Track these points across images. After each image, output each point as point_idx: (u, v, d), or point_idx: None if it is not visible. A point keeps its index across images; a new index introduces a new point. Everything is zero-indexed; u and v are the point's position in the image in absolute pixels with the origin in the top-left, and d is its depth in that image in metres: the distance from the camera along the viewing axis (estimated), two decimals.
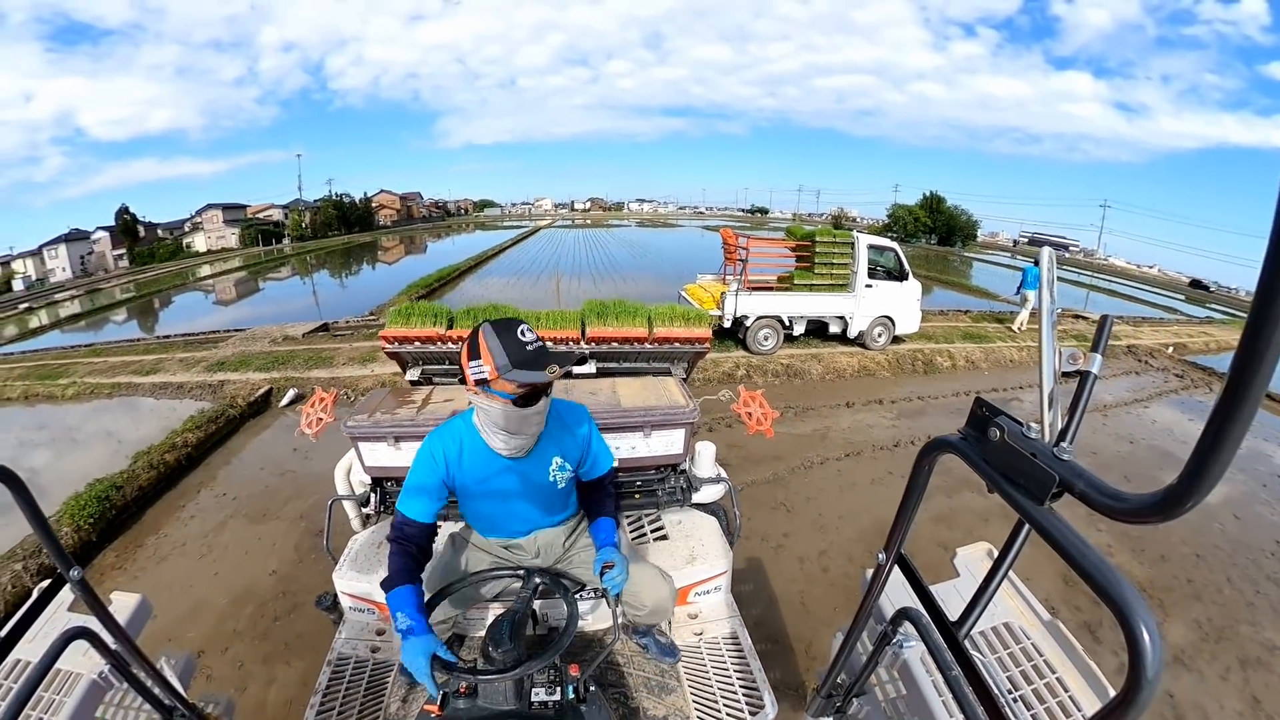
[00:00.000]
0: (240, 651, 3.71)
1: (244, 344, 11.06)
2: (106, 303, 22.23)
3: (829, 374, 9.44)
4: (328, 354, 10.11)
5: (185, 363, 9.98)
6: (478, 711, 1.37)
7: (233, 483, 6.12)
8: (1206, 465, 0.47)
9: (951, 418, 7.78)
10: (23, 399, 9.16)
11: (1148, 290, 31.36)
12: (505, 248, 31.71)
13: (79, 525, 4.90)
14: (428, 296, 16.14)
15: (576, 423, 1.81)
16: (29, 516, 0.99)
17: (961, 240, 45.37)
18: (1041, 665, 1.41)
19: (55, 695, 1.41)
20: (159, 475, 5.98)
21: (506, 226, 58.42)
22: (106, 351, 11.71)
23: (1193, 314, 21.60)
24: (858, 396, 8.47)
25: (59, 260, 38.90)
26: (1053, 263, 0.77)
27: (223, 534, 5.10)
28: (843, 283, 9.82)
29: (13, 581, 4.25)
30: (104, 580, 4.58)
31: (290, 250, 39.84)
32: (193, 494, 5.92)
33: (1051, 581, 3.97)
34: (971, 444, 0.79)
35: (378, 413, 2.52)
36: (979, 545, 1.85)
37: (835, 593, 4.19)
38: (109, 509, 5.20)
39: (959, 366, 10.30)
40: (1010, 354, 10.92)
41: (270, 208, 53.79)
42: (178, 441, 6.50)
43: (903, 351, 10.22)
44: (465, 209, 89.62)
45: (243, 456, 6.82)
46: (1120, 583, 0.56)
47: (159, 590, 4.27)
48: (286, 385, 8.70)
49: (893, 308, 10.06)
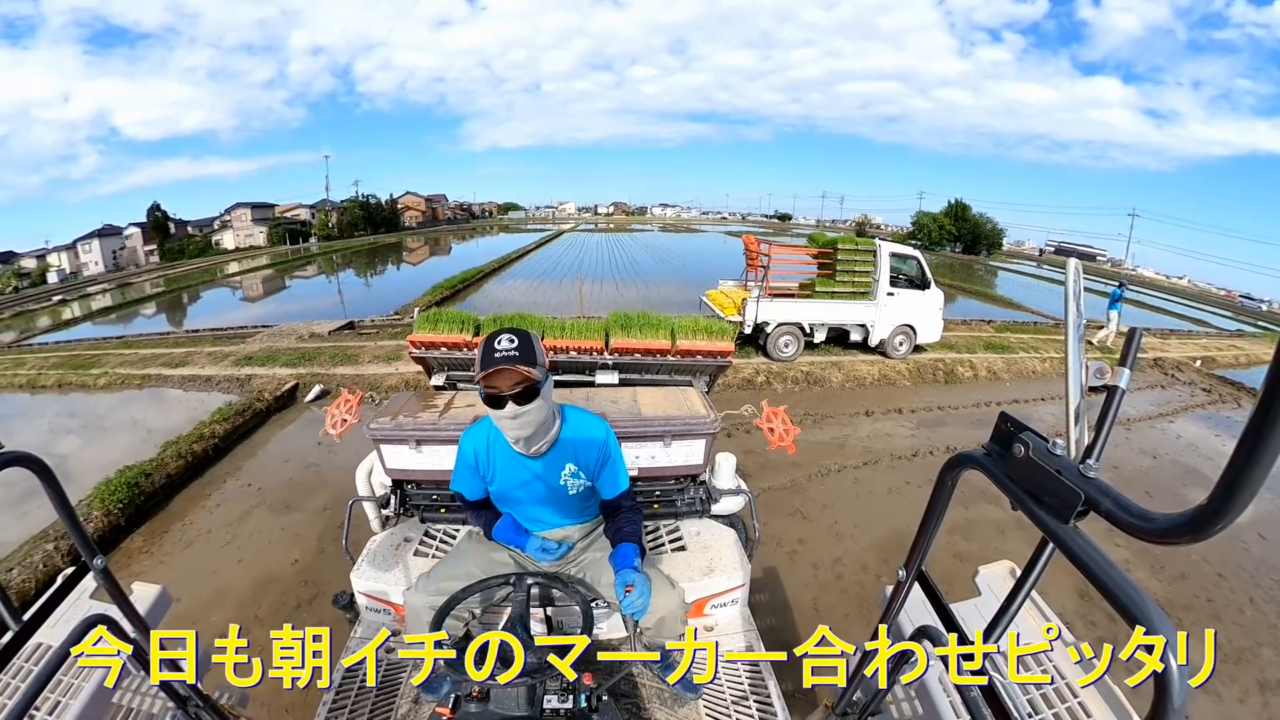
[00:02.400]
0: (261, 637, 3.74)
1: (271, 340, 11.32)
2: (137, 296, 23.04)
3: (849, 382, 9.38)
4: (353, 352, 10.25)
5: (213, 356, 10.18)
6: (489, 716, 1.37)
7: (258, 474, 6.25)
8: (1238, 486, 0.46)
9: (972, 429, 7.82)
10: (57, 387, 9.53)
11: (1173, 301, 30.94)
12: (529, 250, 32.05)
13: (109, 509, 5.04)
14: (452, 298, 16.59)
15: (593, 435, 1.84)
16: (55, 503, 1.01)
17: (987, 249, 45.13)
18: (1064, 689, 1.37)
19: (74, 680, 1.44)
20: (186, 464, 6.14)
21: (530, 230, 58.93)
22: (137, 344, 12.09)
23: (1223, 326, 21.18)
24: (877, 405, 8.40)
25: (92, 254, 40.17)
26: (1079, 275, 0.75)
27: (247, 523, 5.21)
28: (864, 291, 9.75)
29: (44, 560, 4.42)
30: (130, 563, 4.71)
31: (317, 249, 40.67)
32: (219, 484, 6.05)
33: (1067, 595, 3.90)
34: (995, 460, 0.77)
35: (400, 415, 2.54)
36: (1001, 564, 1.81)
37: (848, 600, 4.16)
38: (138, 495, 5.33)
39: (980, 377, 10.19)
40: (1033, 365, 10.80)
41: (297, 207, 55.11)
42: (205, 433, 6.68)
43: (924, 361, 10.12)
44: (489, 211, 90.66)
45: (268, 449, 6.96)
46: (1149, 608, 0.55)
47: (184, 575, 4.48)
48: (312, 381, 8.85)
49: (914, 316, 9.97)
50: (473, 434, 1.87)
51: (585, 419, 1.87)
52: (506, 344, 1.57)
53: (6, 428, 7.80)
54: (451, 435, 2.03)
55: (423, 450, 2.48)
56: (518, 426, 1.65)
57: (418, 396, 2.82)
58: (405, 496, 2.67)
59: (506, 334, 1.60)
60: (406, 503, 2.67)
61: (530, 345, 1.61)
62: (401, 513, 2.69)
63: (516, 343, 1.58)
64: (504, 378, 1.58)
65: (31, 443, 6.54)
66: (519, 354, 1.56)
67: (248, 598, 4.17)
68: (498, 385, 1.59)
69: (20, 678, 1.42)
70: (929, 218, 46.94)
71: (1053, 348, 11.62)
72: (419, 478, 2.61)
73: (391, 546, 2.47)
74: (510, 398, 1.60)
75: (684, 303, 12.46)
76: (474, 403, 2.71)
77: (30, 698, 1.01)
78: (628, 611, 1.62)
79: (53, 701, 1.38)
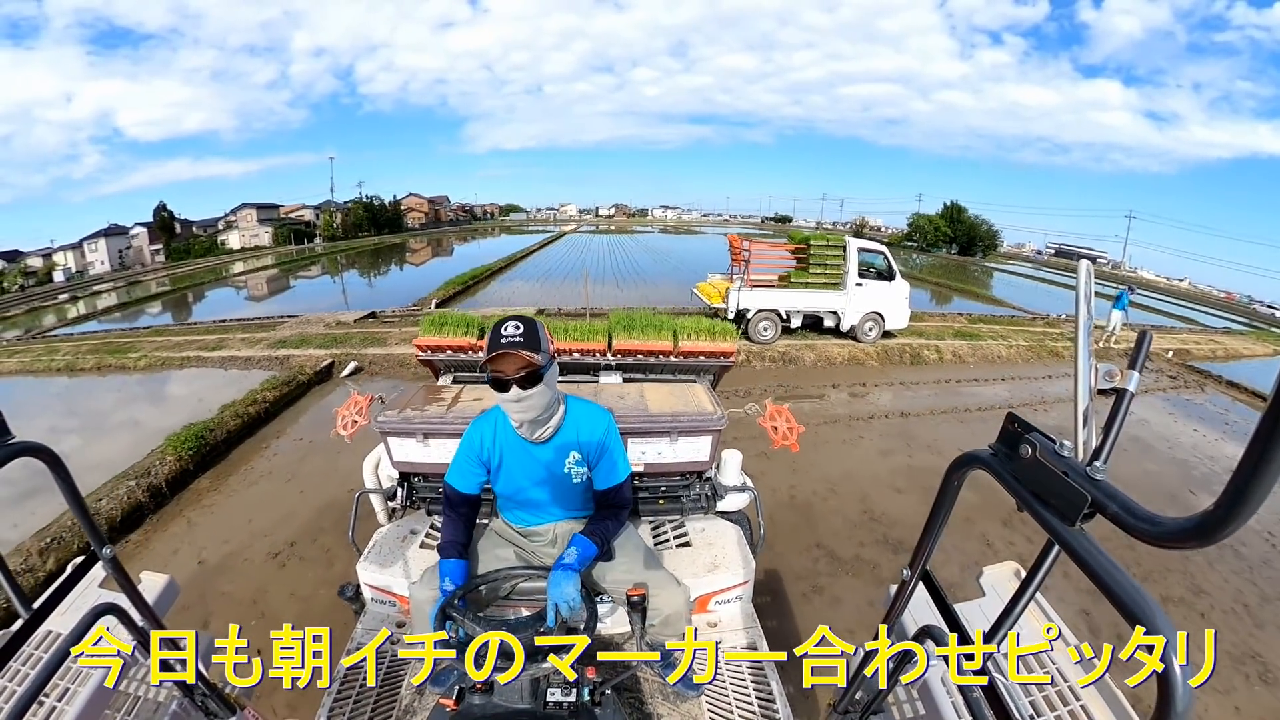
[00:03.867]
0: (327, 542, 4.63)
1: (300, 327, 12.17)
2: (142, 295, 23.18)
3: (820, 361, 10.44)
4: (380, 336, 11.15)
5: (247, 340, 11.06)
6: (492, 708, 1.38)
7: (306, 431, 7.16)
8: (1246, 490, 0.45)
9: (927, 398, 8.93)
10: (96, 369, 10.19)
11: (1167, 301, 31.19)
12: (533, 250, 32.65)
13: (180, 455, 5.86)
14: (464, 293, 17.61)
15: (595, 426, 1.89)
16: (65, 493, 1.01)
17: (982, 250, 45.33)
18: (1066, 691, 1.37)
19: (83, 666, 1.45)
20: (243, 424, 6.99)
21: (532, 231, 59.23)
22: (168, 332, 12.99)
23: (1212, 324, 21.61)
24: (844, 380, 9.44)
25: (98, 254, 40.26)
26: (1090, 277, 0.75)
27: (304, 466, 6.13)
28: (835, 281, 10.88)
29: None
30: (201, 500, 5.56)
31: (321, 250, 40.98)
32: (272, 440, 6.96)
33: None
34: (1002, 460, 0.78)
35: (408, 409, 2.56)
36: (1006, 565, 1.81)
37: (795, 514, 5.15)
38: (203, 445, 6.18)
39: (945, 360, 11.09)
40: (999, 350, 11.76)
41: (301, 208, 55.19)
42: (258, 398, 7.58)
43: (891, 345, 11.09)
44: (491, 213, 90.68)
45: (312, 413, 7.86)
46: (1154, 611, 0.55)
47: (254, 504, 5.39)
48: (346, 359, 9.76)
49: (882, 304, 11.00)
50: (480, 421, 1.91)
51: (589, 409, 1.91)
52: (512, 330, 1.64)
53: (60, 407, 8.62)
54: (458, 429, 2.04)
55: (430, 443, 2.50)
56: (522, 410, 1.71)
57: (425, 390, 2.83)
58: (412, 489, 2.69)
59: (512, 320, 1.67)
60: (413, 495, 2.70)
61: (535, 331, 1.67)
62: (408, 505, 2.70)
63: (522, 329, 1.65)
64: (509, 362, 1.64)
65: (93, 414, 7.22)
66: (524, 339, 1.63)
67: (312, 518, 4.98)
68: (503, 369, 1.65)
69: (30, 664, 1.44)
70: (924, 219, 47.35)
71: (1021, 336, 12.60)
72: (426, 470, 2.62)
73: (398, 539, 2.49)
74: (515, 381, 1.65)
75: (680, 297, 13.41)
76: (481, 397, 2.72)
77: (40, 683, 1.02)
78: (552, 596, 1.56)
79: (61, 688, 1.39)
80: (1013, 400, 8.99)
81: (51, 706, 1.35)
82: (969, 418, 8.14)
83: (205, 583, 4.18)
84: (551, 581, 1.60)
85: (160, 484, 5.49)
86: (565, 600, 1.56)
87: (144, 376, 9.73)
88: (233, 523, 5.05)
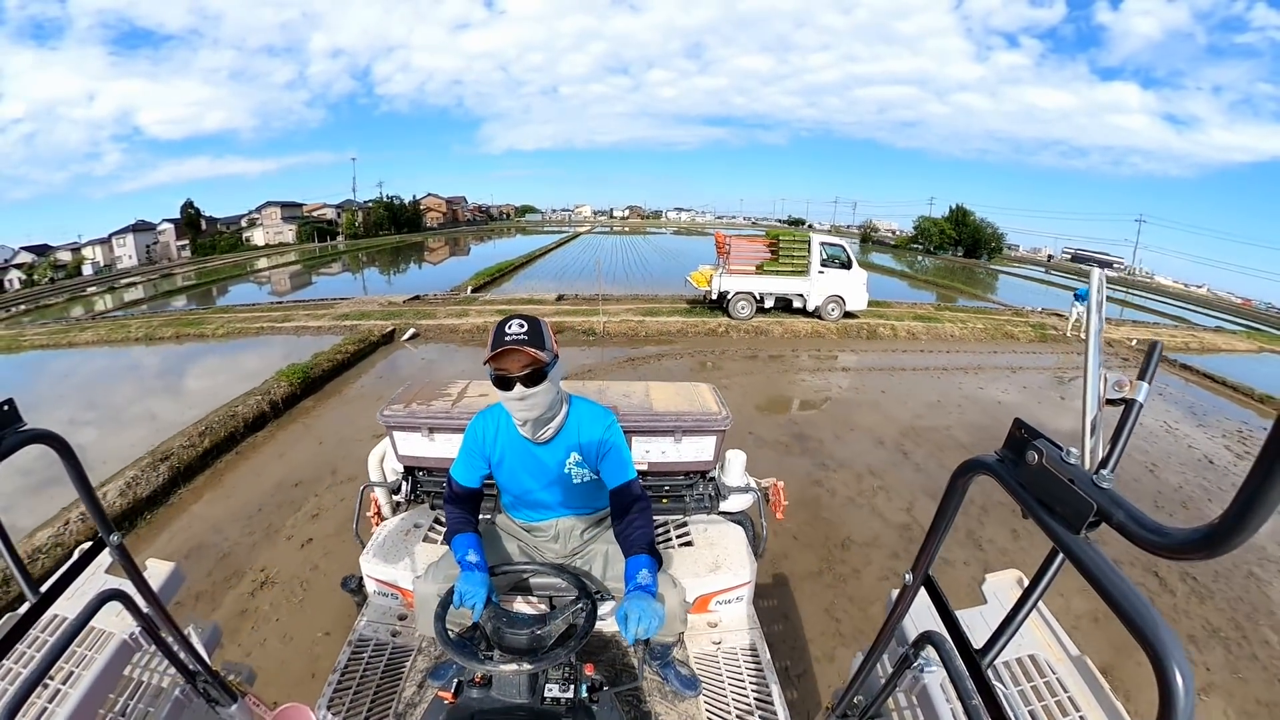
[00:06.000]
0: None
1: (356, 305, 14.35)
2: (184, 285, 24.57)
3: (787, 334, 12.48)
4: (428, 312, 13.41)
5: (312, 315, 13.16)
6: (490, 702, 1.38)
7: (382, 372, 9.57)
8: (1255, 502, 0.44)
9: (865, 356, 11.35)
10: (174, 339, 12.02)
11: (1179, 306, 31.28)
12: (551, 249, 34.50)
13: (290, 383, 7.98)
14: (492, 283, 20.06)
15: (597, 425, 1.85)
16: (75, 481, 1.02)
17: (987, 253, 45.51)
18: (1066, 702, 1.35)
19: (88, 651, 1.47)
20: (333, 366, 9.20)
21: (547, 231, 60.02)
22: (231, 311, 14.83)
23: (1204, 324, 22.13)
24: (804, 348, 11.70)
25: (126, 248, 41.42)
26: (1103, 284, 0.74)
27: (384, 393, 7.13)
28: (801, 269, 13.05)
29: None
30: (306, 415, 7.63)
31: (344, 247, 42.26)
32: (355, 379, 9.27)
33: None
34: (1008, 466, 0.77)
35: (414, 403, 2.57)
36: (1009, 572, 1.79)
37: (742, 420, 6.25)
38: (306, 378, 8.35)
39: (900, 336, 12.88)
40: (952, 330, 13.45)
41: (323, 207, 56.76)
42: (342, 350, 9.82)
43: (851, 324, 13.06)
44: (507, 214, 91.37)
45: (382, 365, 10.07)
46: (1156, 622, 0.54)
47: (353, 418, 7.34)
48: (406, 326, 11.90)
49: (842, 289, 13.12)
50: (484, 416, 1.92)
51: (591, 409, 1.88)
52: (516, 328, 1.63)
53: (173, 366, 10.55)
54: (463, 424, 2.04)
55: (435, 438, 2.51)
56: (525, 408, 1.69)
57: (430, 385, 2.85)
58: (416, 483, 2.70)
59: (517, 319, 1.66)
60: (417, 489, 2.70)
61: (539, 330, 1.65)
62: (413, 499, 2.72)
63: (526, 327, 1.63)
64: (513, 359, 1.62)
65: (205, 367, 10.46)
66: (528, 337, 1.61)
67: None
68: (507, 367, 1.63)
69: (36, 647, 1.46)
70: (930, 222, 47.89)
71: (979, 321, 14.42)
72: (430, 465, 2.64)
73: (401, 533, 2.50)
74: (519, 379, 1.63)
75: (679, 287, 15.65)
76: (487, 392, 2.72)
77: (45, 667, 1.03)
78: (628, 638, 1.50)
79: (66, 672, 1.41)
80: (948, 366, 10.72)
81: (56, 689, 1.37)
82: (901, 373, 10.29)
83: (327, 454, 6.30)
84: (632, 604, 1.52)
85: (278, 400, 7.61)
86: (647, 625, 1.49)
87: (223, 343, 11.57)
88: (337, 425, 7.26)
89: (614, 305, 14.12)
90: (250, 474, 6.02)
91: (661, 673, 2.05)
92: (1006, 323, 14.55)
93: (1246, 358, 14.61)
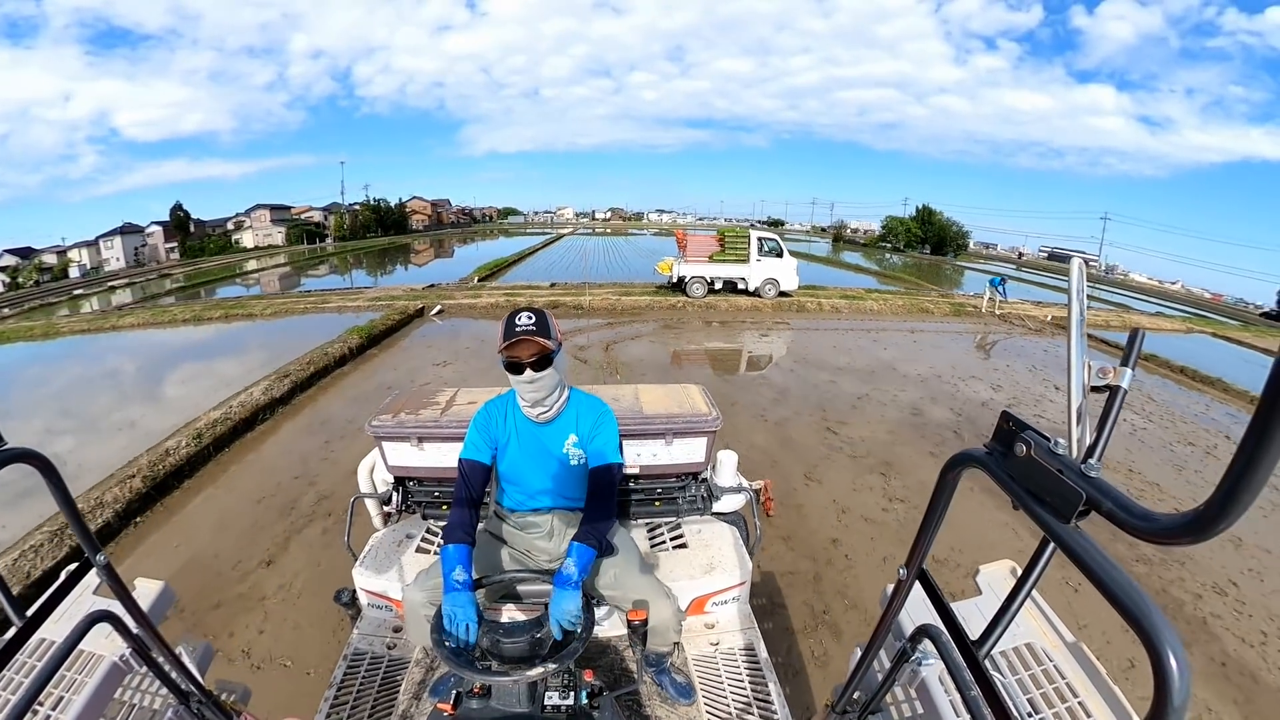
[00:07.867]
0: (445, 373, 9.54)
1: (381, 293, 16.92)
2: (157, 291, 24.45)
3: (731, 308, 15.73)
4: (447, 294, 16.34)
5: (345, 298, 15.99)
6: (490, 712, 1.37)
7: (422, 339, 12.25)
8: (1240, 487, 0.45)
9: (782, 317, 15.26)
10: (223, 319, 14.21)
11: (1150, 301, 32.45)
12: (538, 249, 36.21)
13: (361, 337, 11.04)
14: (491, 276, 22.25)
15: (594, 411, 2.02)
16: (59, 500, 0.99)
17: (954, 250, 47.30)
18: (1064, 689, 1.36)
19: (77, 675, 1.44)
20: (381, 333, 11.82)
21: (530, 233, 60.40)
22: (267, 299, 16.93)
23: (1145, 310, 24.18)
24: (746, 319, 14.88)
25: (114, 251, 40.86)
26: (1082, 274, 0.75)
27: (428, 353, 10.91)
28: (743, 258, 16.38)
29: None
30: (369, 363, 10.44)
31: (333, 249, 42.50)
32: (399, 342, 11.94)
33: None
34: (997, 459, 0.77)
35: (402, 413, 2.55)
36: (1002, 563, 1.80)
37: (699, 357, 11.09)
38: (365, 340, 11.06)
39: (824, 310, 16.25)
40: (871, 306, 16.78)
41: (309, 209, 57.01)
42: (387, 319, 12.67)
43: (785, 301, 16.41)
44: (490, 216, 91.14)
45: (418, 332, 12.80)
46: (1150, 608, 0.55)
47: (410, 360, 10.59)
48: (433, 303, 14.99)
49: (776, 273, 16.51)
50: (492, 402, 2.07)
51: (590, 399, 2.06)
52: (525, 320, 1.82)
53: (242, 339, 12.47)
54: (453, 432, 2.03)
55: (424, 448, 2.49)
56: (534, 390, 1.87)
57: (418, 394, 2.82)
58: (407, 493, 2.68)
59: (525, 311, 1.85)
60: (408, 500, 2.68)
61: (545, 321, 1.84)
62: (403, 510, 2.69)
63: (534, 319, 1.82)
64: (523, 347, 1.81)
65: (276, 338, 12.58)
66: (536, 328, 1.80)
67: (438, 368, 9.84)
68: (518, 354, 1.81)
69: (24, 673, 1.43)
70: (897, 221, 49.99)
71: (901, 299, 17.70)
72: (421, 475, 2.62)
73: (393, 544, 2.48)
74: (528, 365, 1.82)
75: (652, 275, 18.29)
76: (476, 400, 2.71)
77: (34, 693, 1.01)
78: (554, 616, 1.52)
79: (55, 697, 1.38)
80: (854, 328, 14.06)
81: (46, 715, 1.34)
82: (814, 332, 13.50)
83: (401, 376, 9.32)
84: (553, 600, 1.56)
85: (353, 348, 10.62)
86: (566, 618, 1.51)
87: (272, 322, 13.88)
88: (404, 360, 10.58)
89: (596, 289, 17.13)
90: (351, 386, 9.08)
91: (658, 680, 2.07)
92: (927, 301, 17.73)
93: (1175, 336, 17.25)
